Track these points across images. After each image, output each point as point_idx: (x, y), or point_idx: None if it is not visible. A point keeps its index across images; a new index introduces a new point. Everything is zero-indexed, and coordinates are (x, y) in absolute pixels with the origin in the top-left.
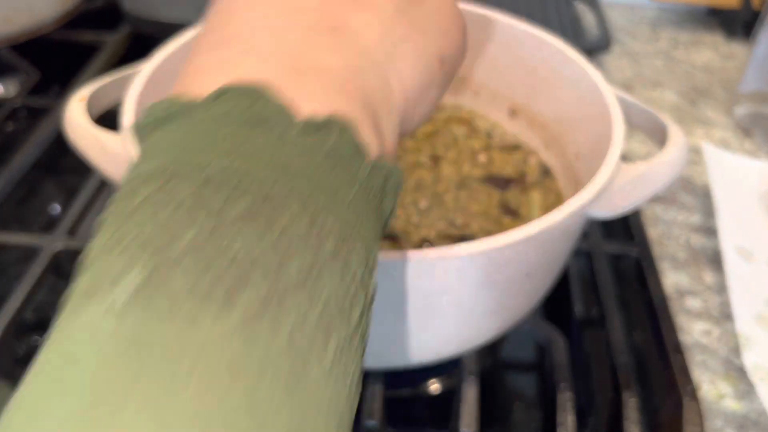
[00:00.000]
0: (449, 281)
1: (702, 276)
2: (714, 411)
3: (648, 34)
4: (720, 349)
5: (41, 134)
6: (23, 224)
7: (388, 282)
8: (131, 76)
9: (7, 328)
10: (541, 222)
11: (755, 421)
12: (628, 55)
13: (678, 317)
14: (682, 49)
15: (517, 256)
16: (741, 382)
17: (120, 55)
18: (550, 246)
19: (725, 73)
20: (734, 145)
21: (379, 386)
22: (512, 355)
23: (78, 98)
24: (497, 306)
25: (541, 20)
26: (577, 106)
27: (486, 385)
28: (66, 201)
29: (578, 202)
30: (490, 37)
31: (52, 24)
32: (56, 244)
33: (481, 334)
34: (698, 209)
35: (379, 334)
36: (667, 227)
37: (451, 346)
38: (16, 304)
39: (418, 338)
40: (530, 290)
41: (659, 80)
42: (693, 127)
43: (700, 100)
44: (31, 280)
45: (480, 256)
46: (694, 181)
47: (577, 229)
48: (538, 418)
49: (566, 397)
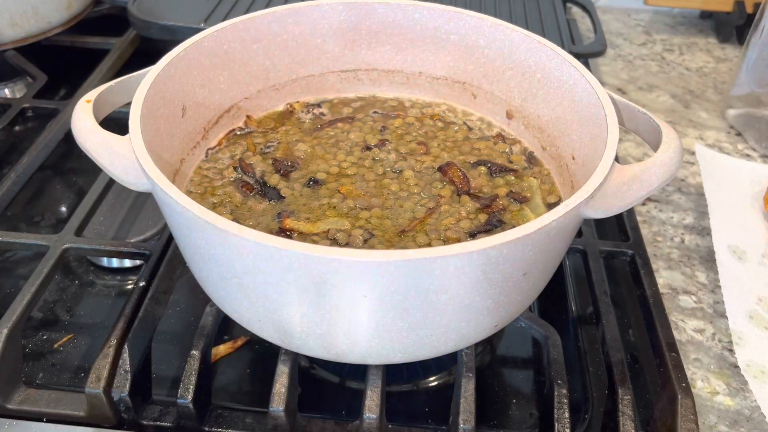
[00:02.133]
0: (448, 279)
1: (695, 274)
2: (707, 407)
3: (642, 37)
4: (713, 347)
5: (48, 136)
6: (31, 224)
7: (389, 280)
8: (138, 80)
9: (15, 325)
10: (538, 221)
11: (748, 417)
12: (623, 58)
13: (672, 315)
14: (676, 52)
15: (514, 254)
16: (734, 379)
17: (126, 58)
18: (546, 245)
19: (718, 75)
20: (727, 146)
21: (379, 381)
22: (509, 351)
23: (85, 101)
24: (494, 303)
25: (537, 25)
26: (573, 109)
27: (483, 381)
28: (73, 201)
29: (574, 203)
30: (488, 42)
31: (59, 28)
32: (63, 244)
33: (478, 330)
34: (692, 209)
35: (378, 331)
36: (662, 226)
37: (450, 342)
38: (23, 303)
39: (417, 335)
40: (526, 288)
41: (653, 83)
42: (686, 129)
43: (694, 103)
44: (38, 279)
45: (478, 254)
46: (688, 182)
47: (572, 229)
48: (534, 414)
49: (562, 394)
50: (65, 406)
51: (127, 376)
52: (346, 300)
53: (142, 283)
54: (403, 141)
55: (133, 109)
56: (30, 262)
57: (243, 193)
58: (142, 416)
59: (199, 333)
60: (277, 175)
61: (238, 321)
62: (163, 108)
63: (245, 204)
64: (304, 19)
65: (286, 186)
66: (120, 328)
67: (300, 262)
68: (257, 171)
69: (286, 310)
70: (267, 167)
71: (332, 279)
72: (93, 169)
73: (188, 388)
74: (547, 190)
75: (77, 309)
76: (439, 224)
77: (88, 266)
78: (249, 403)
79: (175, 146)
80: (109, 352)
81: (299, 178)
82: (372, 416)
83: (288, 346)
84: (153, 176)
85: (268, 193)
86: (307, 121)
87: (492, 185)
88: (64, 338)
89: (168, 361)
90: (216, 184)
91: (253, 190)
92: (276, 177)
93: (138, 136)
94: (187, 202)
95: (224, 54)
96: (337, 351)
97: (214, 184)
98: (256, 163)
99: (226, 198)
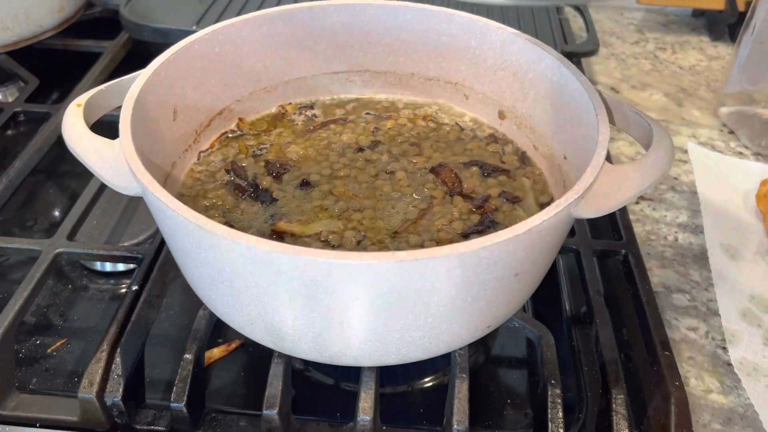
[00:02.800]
0: (439, 281)
1: (689, 273)
2: (701, 405)
3: (635, 36)
4: (707, 345)
5: (41, 140)
6: (23, 229)
7: (380, 282)
8: (128, 83)
9: (8, 330)
10: (529, 222)
11: (742, 415)
12: (616, 57)
13: (665, 313)
14: (669, 51)
15: (505, 255)
16: (727, 377)
17: (118, 62)
18: (538, 245)
19: (711, 74)
20: (720, 144)
21: (372, 383)
22: (503, 351)
23: (75, 104)
24: (487, 304)
25: (530, 24)
26: (564, 108)
27: (477, 382)
28: (65, 206)
29: (565, 203)
30: (479, 42)
31: (51, 32)
32: (56, 248)
33: (471, 331)
34: (685, 207)
35: (371, 333)
36: (655, 225)
37: (442, 343)
38: (16, 308)
39: (410, 336)
40: (519, 288)
41: (646, 81)
42: (679, 127)
43: (687, 101)
44: (31, 284)
45: (469, 255)
46: (681, 180)
47: (564, 229)
48: (528, 414)
49: (556, 393)
50: (58, 412)
51: (120, 381)
52: (338, 302)
53: (135, 287)
54: (396, 142)
55: (124, 112)
56: (22, 266)
57: (235, 195)
58: (136, 421)
59: (192, 337)
60: (269, 177)
61: (231, 324)
62: (154, 111)
63: (238, 207)
64: (295, 21)
65: (279, 188)
66: (113, 332)
67: (291, 264)
68: (249, 174)
69: (277, 313)
70: (259, 169)
71: (323, 282)
72: (85, 173)
73: (182, 392)
74: (540, 190)
75: (70, 313)
76: (432, 225)
77: (81, 270)
78: (243, 406)
79: (166, 150)
80: (101, 357)
81: (291, 180)
82: (366, 418)
83: (281, 349)
84: (143, 180)
85: (261, 195)
86: (299, 123)
87: (484, 186)
88: (58, 343)
89: (161, 365)
90: (208, 186)
91: (246, 192)
92: (268, 179)
93: (128, 140)
94: (177, 206)
95: (216, 56)
96: (329, 353)
97: (206, 187)
98: (249, 165)
99: (218, 201)
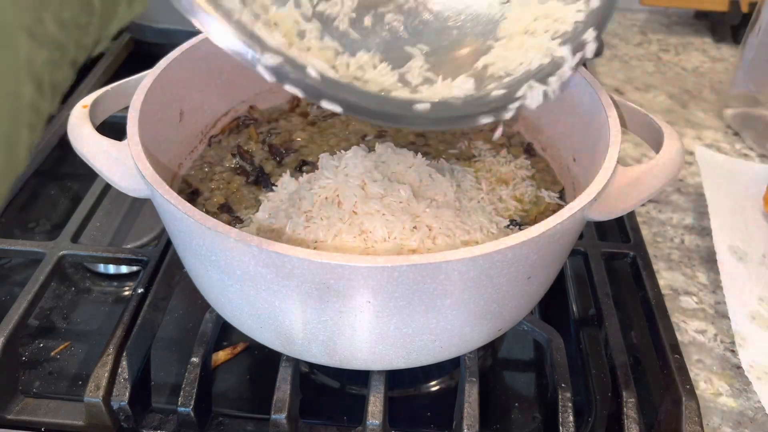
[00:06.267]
0: (452, 284)
1: (696, 275)
2: (711, 409)
3: (638, 38)
4: (716, 348)
5: (43, 141)
6: (25, 230)
7: (392, 285)
8: (134, 84)
9: (12, 333)
10: (542, 225)
11: (752, 418)
12: (619, 58)
13: (673, 316)
14: (672, 52)
15: (518, 258)
16: (737, 380)
17: (120, 62)
18: (550, 248)
19: (714, 75)
20: (725, 146)
21: (382, 387)
22: (511, 354)
23: (81, 106)
24: (498, 307)
25: None
26: (574, 111)
27: (486, 385)
28: (68, 207)
29: (578, 205)
30: None
31: None
32: (60, 251)
33: (482, 335)
34: (691, 209)
35: (382, 336)
36: (661, 227)
37: (453, 347)
38: (20, 311)
39: (421, 340)
40: (530, 291)
41: (650, 83)
42: (684, 129)
43: (691, 103)
44: (35, 287)
45: (483, 258)
46: (687, 182)
47: (575, 231)
48: (537, 417)
49: (566, 397)
50: (64, 416)
51: (127, 385)
52: (350, 306)
53: (141, 290)
54: (402, 133)
55: (131, 113)
56: (25, 269)
57: (239, 179)
58: (142, 425)
59: (199, 340)
60: (273, 161)
61: (239, 328)
62: (161, 112)
63: (240, 191)
64: None
65: (280, 173)
66: (119, 335)
67: (303, 267)
68: (256, 158)
69: (288, 317)
70: (265, 155)
71: (335, 285)
72: (88, 174)
73: (189, 396)
74: (550, 180)
75: (74, 316)
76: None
77: (84, 273)
78: (249, 410)
79: (172, 151)
80: (107, 360)
81: (291, 163)
82: (375, 422)
83: (290, 352)
84: (152, 182)
85: (263, 181)
86: (311, 113)
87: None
88: (61, 346)
89: (167, 369)
90: (216, 170)
91: (250, 177)
92: (272, 164)
93: (136, 142)
94: (187, 208)
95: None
96: (340, 357)
97: (215, 170)
98: (256, 150)
99: (223, 183)
